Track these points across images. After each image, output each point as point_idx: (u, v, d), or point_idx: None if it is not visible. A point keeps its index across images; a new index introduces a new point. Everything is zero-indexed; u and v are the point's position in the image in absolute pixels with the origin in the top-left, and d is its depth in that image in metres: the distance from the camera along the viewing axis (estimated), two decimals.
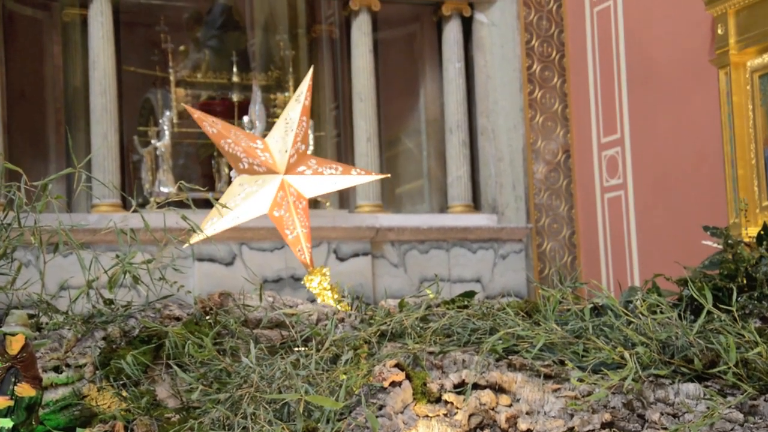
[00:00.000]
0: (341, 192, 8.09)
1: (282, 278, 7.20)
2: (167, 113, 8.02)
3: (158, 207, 6.86)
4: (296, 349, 2.73)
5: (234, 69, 8.55)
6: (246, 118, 7.96)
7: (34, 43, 8.00)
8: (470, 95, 8.44)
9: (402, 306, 3.13)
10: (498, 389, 2.58)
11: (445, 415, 2.45)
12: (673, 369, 2.59)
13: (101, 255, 2.86)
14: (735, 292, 2.93)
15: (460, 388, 2.52)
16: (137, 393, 2.51)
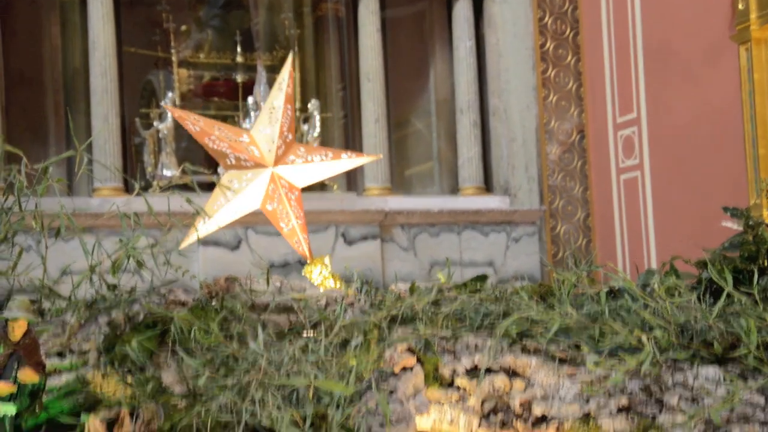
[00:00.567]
0: (349, 175, 8.03)
1: (289, 263, 7.14)
2: (170, 94, 7.93)
3: (162, 190, 6.81)
4: (305, 334, 2.71)
5: (238, 49, 8.43)
6: (251, 99, 7.88)
7: (33, 24, 7.90)
8: (481, 74, 8.33)
9: (413, 290, 3.09)
10: (512, 373, 2.54)
11: (458, 400, 2.42)
12: (692, 353, 2.54)
13: (104, 239, 2.82)
14: (756, 275, 2.87)
15: (473, 373, 2.48)
16: (142, 379, 2.49)
